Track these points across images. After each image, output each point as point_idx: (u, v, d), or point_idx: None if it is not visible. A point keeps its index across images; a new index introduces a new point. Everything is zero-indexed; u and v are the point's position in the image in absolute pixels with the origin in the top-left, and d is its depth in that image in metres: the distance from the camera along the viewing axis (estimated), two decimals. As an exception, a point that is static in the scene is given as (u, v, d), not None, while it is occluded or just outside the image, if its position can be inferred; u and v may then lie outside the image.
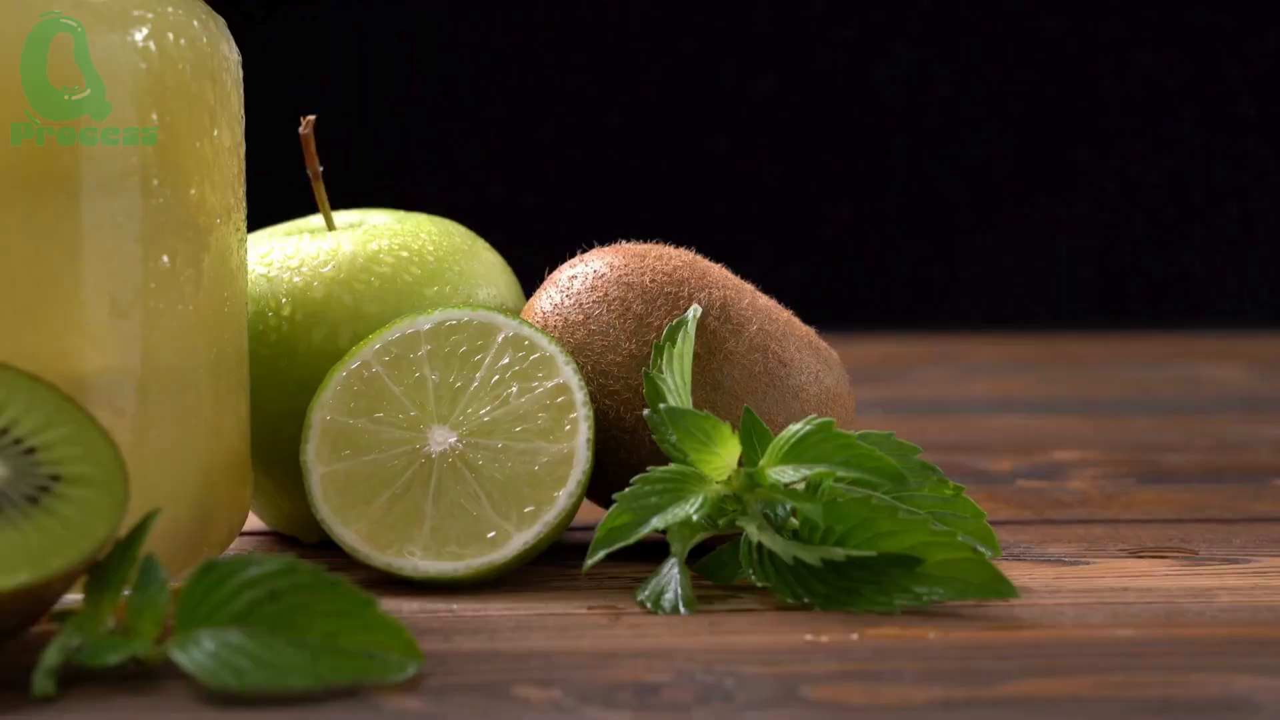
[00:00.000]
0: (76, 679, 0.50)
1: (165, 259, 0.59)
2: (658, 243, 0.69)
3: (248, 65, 0.64)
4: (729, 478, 0.61)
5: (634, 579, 0.63)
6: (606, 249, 0.69)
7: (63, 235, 0.57)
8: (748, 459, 0.61)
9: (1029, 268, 1.71)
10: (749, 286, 0.68)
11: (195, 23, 0.60)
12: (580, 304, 0.67)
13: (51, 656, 0.49)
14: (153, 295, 0.58)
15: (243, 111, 0.64)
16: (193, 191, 0.60)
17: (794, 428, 0.60)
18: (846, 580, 0.58)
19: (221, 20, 0.63)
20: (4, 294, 0.56)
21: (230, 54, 0.62)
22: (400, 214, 0.73)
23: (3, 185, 0.56)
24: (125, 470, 0.53)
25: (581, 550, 0.67)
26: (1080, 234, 1.71)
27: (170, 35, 0.59)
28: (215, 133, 0.61)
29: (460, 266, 0.70)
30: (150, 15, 0.58)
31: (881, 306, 1.71)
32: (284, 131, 0.76)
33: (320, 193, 0.72)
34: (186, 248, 0.59)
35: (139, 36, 0.58)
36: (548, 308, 0.67)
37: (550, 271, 0.69)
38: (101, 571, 0.52)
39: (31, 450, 0.53)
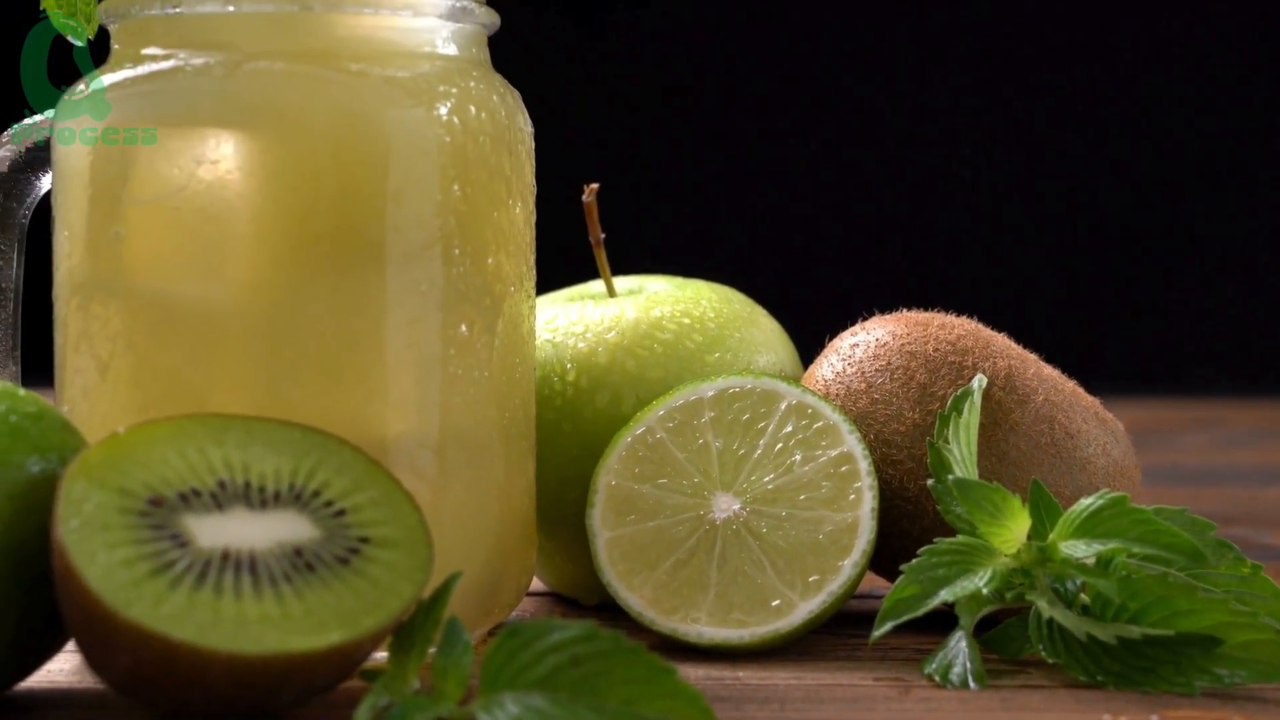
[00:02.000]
0: (383, 737, 0.52)
1: (464, 327, 0.60)
2: (939, 311, 0.69)
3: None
4: (1018, 551, 0.60)
5: (918, 650, 0.63)
6: (888, 317, 0.69)
7: (369, 304, 0.58)
8: (1037, 532, 0.60)
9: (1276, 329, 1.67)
10: (1033, 356, 0.68)
11: (495, 97, 0.62)
12: (863, 372, 0.67)
13: (362, 715, 0.51)
14: (452, 361, 0.60)
15: (534, 181, 0.65)
16: (490, 260, 0.61)
17: (1086, 502, 0.59)
18: (1142, 659, 0.57)
19: (517, 93, 0.64)
20: (314, 360, 0.58)
21: (525, 126, 0.64)
22: (680, 280, 0.74)
23: (313, 255, 0.58)
24: (429, 533, 0.55)
25: (862, 618, 0.67)
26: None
27: (472, 109, 0.60)
28: (511, 203, 0.62)
29: (741, 333, 0.70)
30: (454, 90, 0.60)
31: (1132, 368, 1.68)
32: (564, 198, 0.77)
33: (602, 259, 0.73)
34: (483, 315, 0.61)
35: (443, 111, 0.59)
36: (830, 375, 0.67)
37: (831, 339, 0.69)
38: (407, 632, 0.54)
39: (342, 513, 0.54)
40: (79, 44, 0.63)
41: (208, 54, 0.58)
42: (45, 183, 0.65)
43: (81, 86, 0.60)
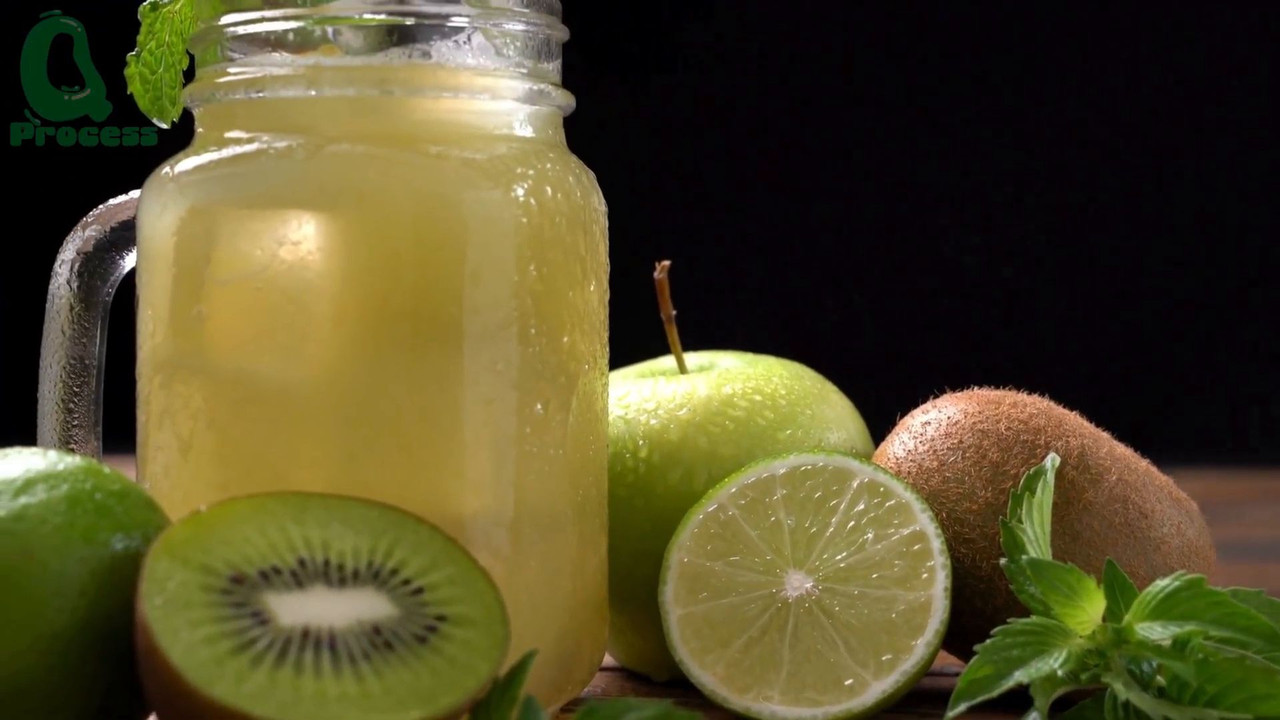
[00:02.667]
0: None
1: (539, 406, 0.61)
2: (1010, 389, 0.69)
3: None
4: (1093, 632, 0.60)
5: (992, 731, 0.63)
6: (959, 395, 0.69)
7: (446, 383, 0.59)
8: (1112, 613, 0.60)
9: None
10: (1105, 435, 0.68)
11: (570, 178, 0.63)
12: (935, 450, 0.67)
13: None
14: (527, 440, 0.60)
15: (608, 259, 0.66)
16: (565, 339, 0.62)
17: (1162, 583, 0.59)
18: (1219, 742, 0.57)
19: (592, 174, 0.65)
20: (391, 439, 0.59)
21: (599, 206, 0.65)
22: (750, 357, 0.74)
23: (392, 335, 0.59)
24: (505, 611, 0.55)
25: (935, 696, 0.67)
26: None
27: (548, 190, 0.61)
28: (585, 282, 0.63)
29: (812, 410, 0.70)
30: (531, 172, 0.61)
31: (1197, 438, 1.67)
32: (633, 274, 0.78)
33: (673, 335, 0.74)
34: (558, 394, 0.61)
35: (520, 192, 0.60)
36: (901, 453, 0.68)
37: (902, 416, 0.70)
38: (483, 709, 0.54)
39: (419, 591, 0.55)
40: (163, 126, 0.64)
41: (290, 137, 0.59)
42: (129, 261, 0.66)
43: (167, 170, 0.61)
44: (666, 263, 0.73)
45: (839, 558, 0.64)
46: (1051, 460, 0.64)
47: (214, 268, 0.59)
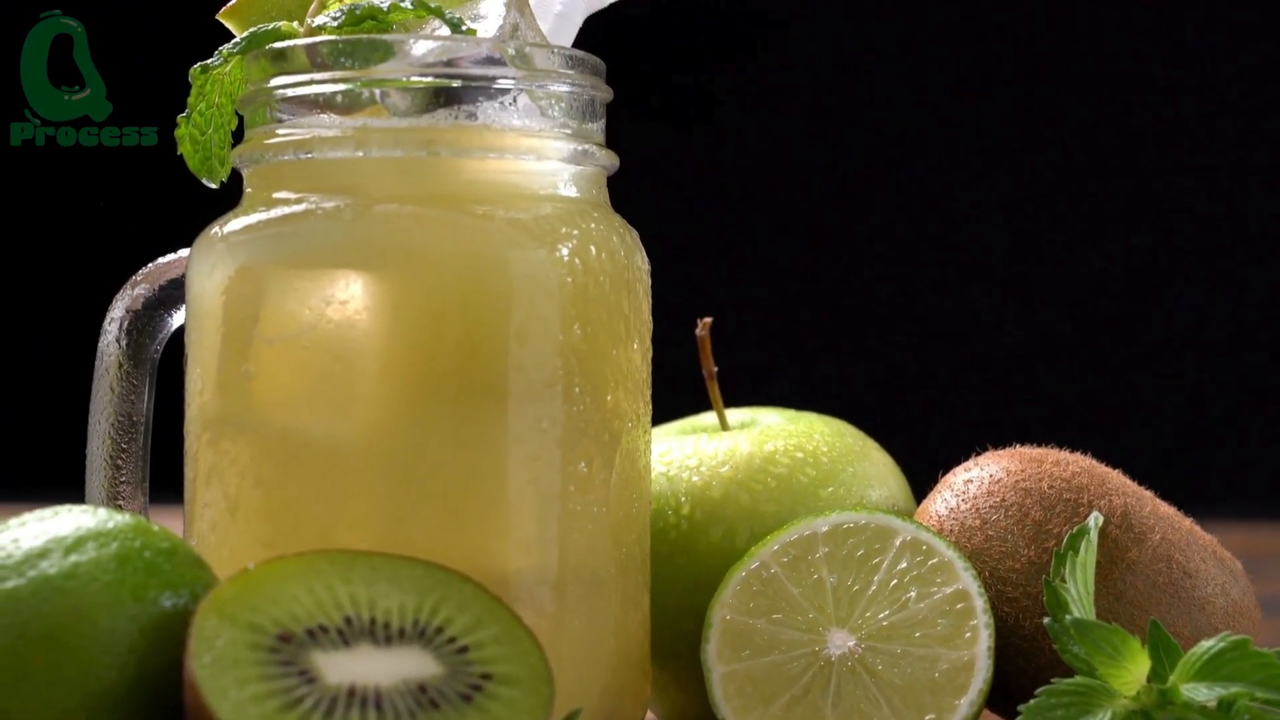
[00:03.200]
0: None
1: (583, 465, 0.61)
2: (1053, 447, 0.69)
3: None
4: (1138, 693, 0.60)
5: (1036, 791, 0.63)
6: (1001, 453, 0.69)
7: (491, 441, 0.59)
8: (1156, 674, 0.60)
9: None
10: (1148, 493, 0.68)
11: (614, 237, 0.63)
12: (977, 509, 0.67)
13: None
14: (571, 498, 0.61)
15: (650, 318, 0.66)
16: (609, 397, 0.62)
17: (1207, 644, 0.59)
18: (1266, 805, 0.57)
19: (635, 232, 0.65)
20: (437, 497, 0.59)
21: (643, 264, 0.65)
22: (792, 413, 0.74)
23: (438, 393, 0.59)
24: (549, 670, 0.55)
25: (978, 758, 0.67)
26: None
27: (592, 249, 0.62)
28: (629, 340, 0.63)
29: (854, 468, 0.71)
30: (575, 232, 0.61)
31: (1238, 491, 1.66)
32: (678, 330, 0.78)
33: (715, 392, 0.74)
34: (602, 452, 0.62)
35: (565, 252, 0.61)
36: (943, 511, 0.68)
37: (944, 474, 0.70)
38: (528, 769, 0.54)
39: (464, 649, 0.55)
40: (213, 186, 0.65)
41: (338, 197, 0.60)
42: (177, 319, 0.67)
43: (216, 230, 0.62)
44: (708, 319, 0.74)
45: (882, 616, 0.64)
46: (1095, 519, 0.64)
47: (262, 326, 0.60)
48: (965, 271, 1.66)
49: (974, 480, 0.68)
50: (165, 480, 0.70)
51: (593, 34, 0.68)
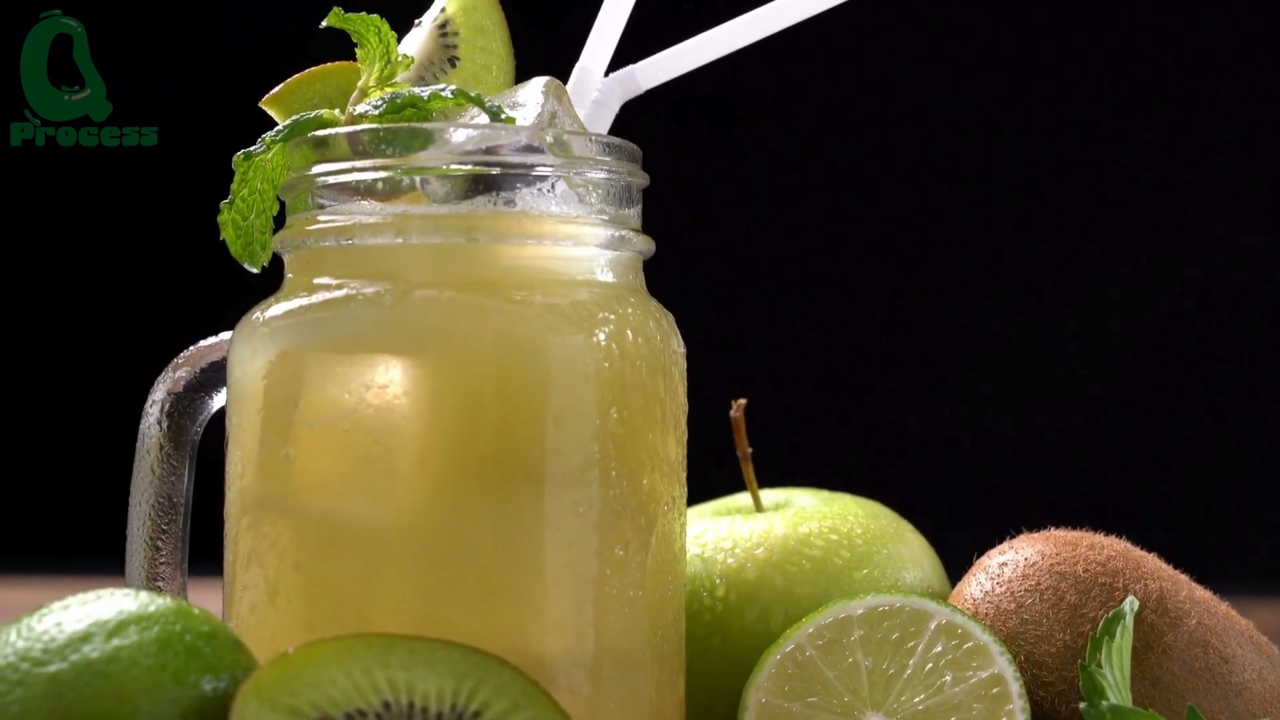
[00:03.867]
0: None
1: (619, 549, 0.61)
2: (1088, 530, 0.69)
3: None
4: (1175, 779, 0.60)
5: None
6: (1036, 536, 0.69)
7: (528, 526, 0.60)
8: (1193, 760, 0.60)
9: None
10: (1184, 577, 0.68)
11: (650, 322, 0.64)
12: (1012, 592, 0.67)
13: None
14: (607, 581, 0.61)
15: (686, 400, 0.67)
16: (645, 481, 0.63)
17: (1244, 730, 0.59)
18: None
19: (671, 316, 0.66)
20: (474, 581, 0.59)
21: (678, 348, 0.66)
22: (826, 494, 0.75)
23: (475, 478, 0.60)
24: (586, 755, 0.56)
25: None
26: None
27: (629, 334, 0.62)
28: (665, 424, 0.64)
29: (888, 550, 0.71)
30: (612, 317, 0.62)
31: (1272, 574, 1.65)
32: (712, 411, 0.79)
33: (749, 473, 0.75)
34: (638, 535, 0.62)
35: (602, 337, 0.61)
36: (978, 595, 0.68)
37: (978, 556, 0.70)
38: None
39: (502, 734, 0.55)
40: (254, 271, 0.66)
41: (378, 283, 0.61)
42: (217, 401, 0.68)
43: (257, 315, 0.63)
44: (742, 401, 0.74)
45: (917, 700, 0.64)
46: (1130, 604, 0.64)
47: (302, 410, 0.60)
48: (999, 352, 1.67)
49: (1008, 563, 0.68)
50: (203, 555, 0.71)
51: (627, 120, 0.69)
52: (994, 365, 1.67)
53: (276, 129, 0.64)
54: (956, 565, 0.72)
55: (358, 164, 0.61)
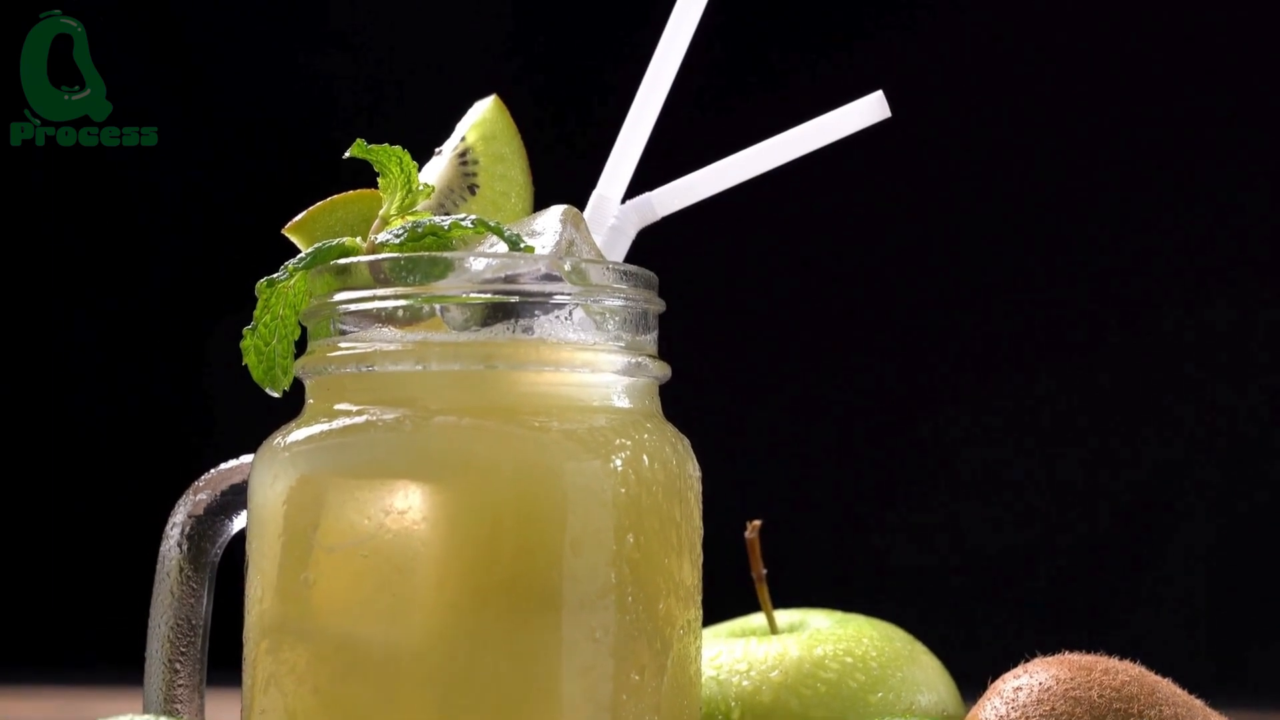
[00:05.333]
0: None
1: (635, 675, 0.62)
2: (1102, 655, 0.69)
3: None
4: None
5: None
6: (1050, 659, 0.69)
7: (545, 651, 0.60)
8: None
9: None
10: (1199, 703, 0.68)
11: (667, 447, 0.64)
12: (1027, 717, 0.67)
13: None
14: (623, 706, 0.61)
15: (701, 524, 0.67)
16: (661, 606, 0.63)
17: None
18: None
19: (686, 441, 0.67)
20: (491, 706, 0.60)
21: (694, 472, 0.66)
22: (840, 616, 0.75)
23: (493, 603, 0.60)
24: None
25: None
26: None
27: (645, 460, 0.63)
28: (681, 548, 0.64)
29: (902, 673, 0.71)
30: (628, 443, 0.63)
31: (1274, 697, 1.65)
32: (727, 533, 0.79)
33: (764, 595, 0.75)
34: (654, 660, 0.62)
35: (618, 463, 0.62)
36: (993, 719, 0.68)
37: (992, 680, 0.70)
38: None
39: None
40: (275, 395, 0.67)
41: (397, 409, 0.62)
42: (237, 523, 0.68)
43: (278, 440, 0.63)
44: (757, 522, 0.75)
45: (933, 826, 0.64)
46: (1145, 729, 0.64)
47: (322, 535, 0.61)
48: (1015, 474, 1.67)
49: (1023, 688, 0.68)
50: (220, 677, 0.71)
51: (643, 246, 0.70)
52: (1010, 487, 1.67)
53: (299, 256, 0.65)
54: (971, 688, 0.72)
55: (379, 291, 0.62)
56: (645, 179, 0.70)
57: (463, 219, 0.63)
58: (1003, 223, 1.66)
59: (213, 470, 0.69)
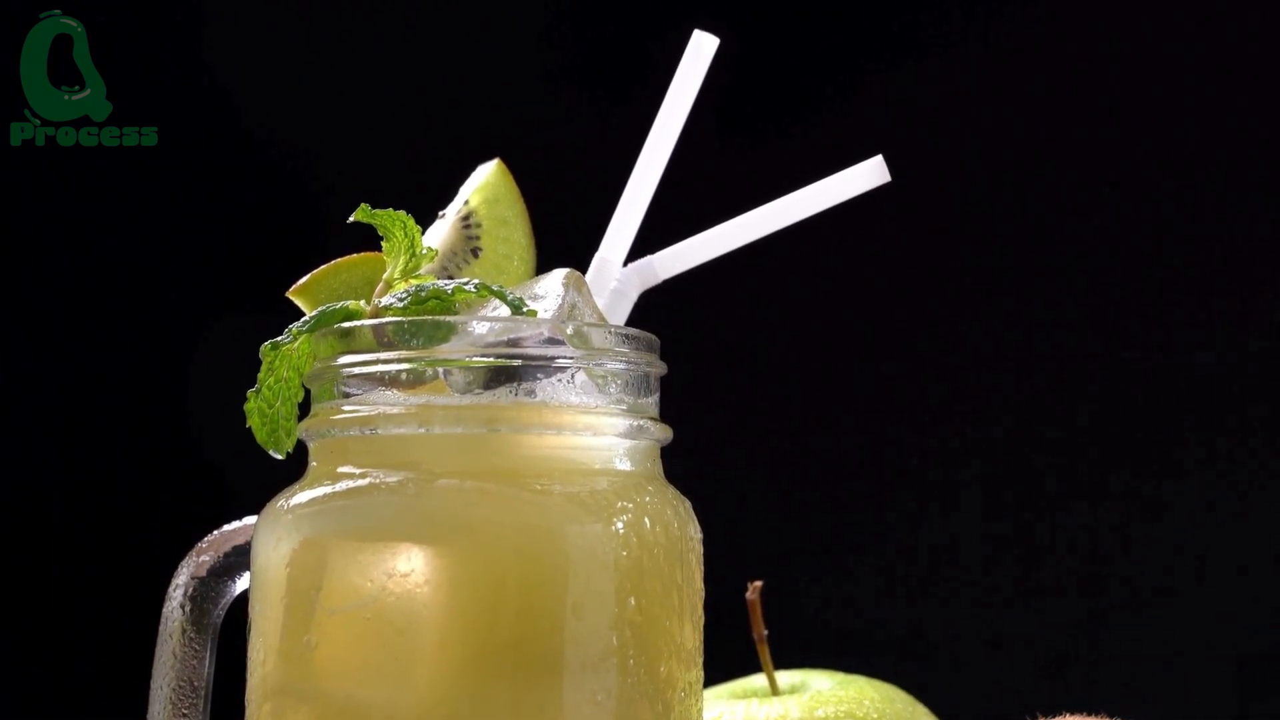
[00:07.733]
0: None
1: (637, 738, 0.62)
2: (1103, 715, 0.69)
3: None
4: None
5: None
6: (1050, 721, 0.69)
7: (546, 714, 0.60)
8: None
9: None
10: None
11: (668, 510, 0.65)
12: (1028, 779, 0.67)
13: None
14: (625, 770, 0.61)
15: (703, 585, 0.67)
16: (662, 668, 0.63)
17: None
18: None
19: (688, 502, 0.67)
20: (493, 769, 0.60)
21: (695, 534, 0.66)
22: (842, 677, 0.75)
23: (495, 666, 0.60)
24: None
25: None
26: None
27: (647, 522, 0.63)
28: (682, 610, 0.64)
29: (904, 734, 0.71)
30: (630, 505, 0.63)
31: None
32: (728, 593, 0.79)
33: (765, 655, 0.75)
34: (656, 722, 0.63)
35: (620, 526, 0.62)
36: (994, 781, 0.68)
37: (993, 742, 0.70)
38: None
39: None
40: (279, 457, 0.67)
41: (400, 472, 0.62)
42: (240, 584, 0.68)
43: (282, 503, 0.64)
44: (758, 583, 0.75)
45: None
46: (1146, 792, 0.64)
47: (325, 597, 0.61)
48: (1018, 539, 1.67)
49: (1024, 750, 0.68)
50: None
51: (644, 308, 0.71)
52: (1014, 553, 1.67)
53: (303, 320, 0.65)
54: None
55: (382, 356, 0.63)
56: (647, 241, 0.71)
57: (466, 283, 0.64)
58: (1008, 291, 1.67)
59: (216, 532, 0.69)
